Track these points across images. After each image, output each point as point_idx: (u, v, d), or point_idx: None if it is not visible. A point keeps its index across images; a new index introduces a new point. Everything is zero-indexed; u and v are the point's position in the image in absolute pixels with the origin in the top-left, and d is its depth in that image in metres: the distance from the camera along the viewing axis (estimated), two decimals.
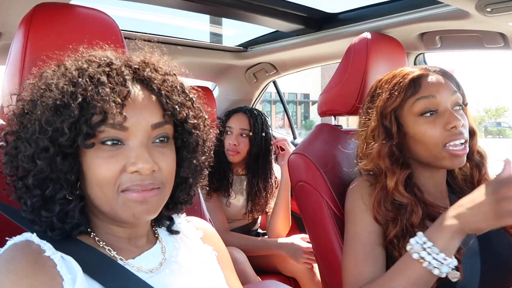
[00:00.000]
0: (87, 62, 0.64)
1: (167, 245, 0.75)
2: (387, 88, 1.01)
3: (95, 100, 0.58)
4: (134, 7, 1.72)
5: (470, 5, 1.12)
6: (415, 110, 0.97)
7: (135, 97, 0.63)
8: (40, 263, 0.57)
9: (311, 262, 1.69)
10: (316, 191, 1.17)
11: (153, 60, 0.70)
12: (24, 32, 0.84)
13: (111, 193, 0.61)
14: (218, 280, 0.77)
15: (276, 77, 2.51)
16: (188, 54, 2.09)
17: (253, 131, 1.87)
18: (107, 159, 0.61)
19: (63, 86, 0.60)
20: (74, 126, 0.58)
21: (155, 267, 0.69)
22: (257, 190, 1.90)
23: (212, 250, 0.82)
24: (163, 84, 0.66)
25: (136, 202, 0.62)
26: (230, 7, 1.61)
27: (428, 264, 0.80)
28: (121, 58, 0.67)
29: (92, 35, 0.82)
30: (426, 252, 0.81)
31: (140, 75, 0.65)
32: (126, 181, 0.61)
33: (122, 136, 0.61)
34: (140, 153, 0.61)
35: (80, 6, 0.93)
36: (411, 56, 1.70)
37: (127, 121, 0.60)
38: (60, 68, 0.64)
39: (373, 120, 1.02)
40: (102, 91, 0.59)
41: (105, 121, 0.59)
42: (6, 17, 1.34)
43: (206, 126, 0.75)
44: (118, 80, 0.62)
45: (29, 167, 0.60)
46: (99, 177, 0.61)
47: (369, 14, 1.62)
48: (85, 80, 0.60)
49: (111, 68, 0.63)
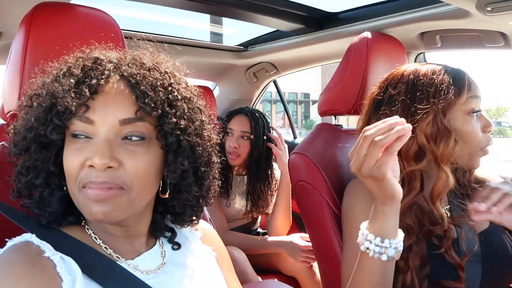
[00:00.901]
0: (77, 58, 0.66)
1: (167, 249, 0.74)
2: (440, 80, 0.92)
3: (57, 92, 0.60)
4: (135, 7, 1.72)
5: (471, 4, 1.12)
6: (467, 108, 0.92)
7: (107, 91, 0.61)
8: (40, 264, 0.57)
9: (309, 261, 1.69)
10: (316, 190, 1.17)
11: (146, 57, 0.68)
12: (25, 31, 0.84)
13: (75, 187, 0.61)
14: (217, 281, 0.76)
15: (276, 77, 2.50)
16: (188, 54, 2.09)
17: (254, 134, 1.85)
18: (73, 151, 0.61)
19: (47, 79, 0.64)
20: (49, 118, 0.60)
21: (153, 270, 0.68)
22: (259, 193, 1.89)
23: (211, 250, 0.81)
24: (144, 80, 0.63)
25: (91, 200, 0.60)
26: (231, 7, 1.61)
27: (373, 252, 0.79)
28: (114, 57, 0.66)
29: (93, 35, 0.82)
30: (368, 242, 0.80)
31: (125, 71, 0.63)
32: (84, 177, 0.60)
33: (89, 130, 0.61)
34: (99, 148, 0.59)
35: (81, 6, 0.93)
36: (412, 56, 1.70)
37: (95, 114, 0.60)
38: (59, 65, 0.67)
39: (430, 118, 0.91)
40: (67, 82, 0.60)
41: (74, 114, 0.59)
42: (7, 16, 1.34)
43: (202, 130, 0.69)
44: (94, 74, 0.61)
45: (18, 155, 0.64)
46: (66, 169, 0.62)
47: (369, 14, 1.62)
48: (61, 73, 0.62)
49: (95, 63, 0.63)
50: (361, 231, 0.82)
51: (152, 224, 0.74)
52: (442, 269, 0.90)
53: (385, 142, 0.72)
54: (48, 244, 0.60)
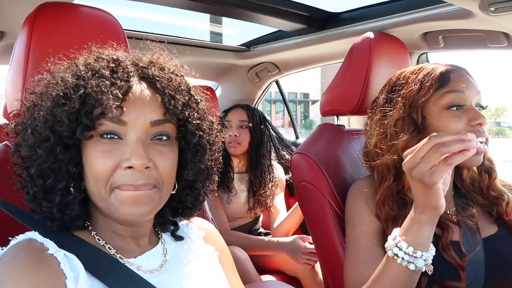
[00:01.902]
0: (96, 58, 0.65)
1: (169, 246, 0.75)
2: (415, 78, 0.97)
3: (94, 92, 0.59)
4: (137, 7, 1.72)
5: (474, 5, 1.11)
6: (442, 103, 0.94)
7: (137, 94, 0.63)
8: (43, 261, 0.57)
9: (311, 263, 1.69)
10: (318, 191, 1.17)
11: (161, 60, 0.70)
12: (28, 31, 0.84)
13: (104, 189, 0.61)
14: (220, 280, 0.77)
15: (278, 77, 2.50)
16: (190, 54, 2.09)
17: (252, 122, 1.91)
18: (104, 153, 0.61)
19: (67, 79, 0.61)
20: (74, 118, 0.59)
21: (156, 268, 0.69)
22: (260, 181, 1.91)
23: (214, 250, 0.82)
24: (168, 84, 0.66)
25: (127, 202, 0.61)
26: (233, 7, 1.61)
27: (402, 260, 0.79)
28: (129, 57, 0.68)
29: (95, 35, 0.82)
30: (397, 248, 0.79)
31: (146, 73, 0.66)
32: (119, 178, 0.61)
33: (121, 130, 0.62)
34: (135, 149, 0.61)
35: (83, 6, 0.93)
36: (414, 56, 1.69)
37: (126, 115, 0.61)
38: (70, 64, 0.66)
39: (398, 110, 0.96)
40: (102, 83, 0.60)
41: (105, 114, 0.60)
42: (10, 16, 1.35)
43: (213, 129, 0.74)
44: (121, 76, 0.62)
45: (31, 156, 0.62)
46: (94, 171, 0.61)
47: (371, 14, 1.61)
48: (89, 74, 0.61)
49: (117, 64, 0.64)
50: (392, 236, 0.82)
51: (158, 219, 0.76)
52: (441, 269, 0.90)
53: (447, 150, 0.71)
54: (51, 241, 0.61)
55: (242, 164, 1.98)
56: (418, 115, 0.94)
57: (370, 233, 0.97)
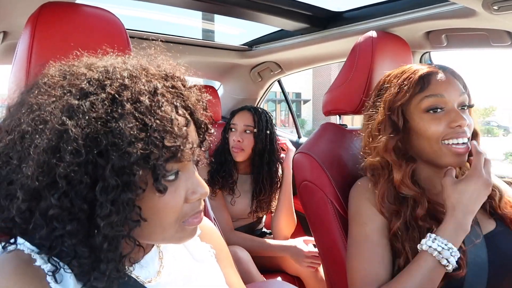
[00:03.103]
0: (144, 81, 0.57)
1: (163, 248, 0.72)
2: (396, 82, 1.02)
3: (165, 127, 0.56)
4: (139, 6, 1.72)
5: (477, 3, 1.11)
6: (422, 107, 0.98)
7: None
8: (29, 275, 0.54)
9: (314, 266, 1.69)
10: (320, 190, 1.17)
11: (178, 72, 0.65)
12: (30, 31, 0.84)
13: (174, 225, 0.60)
14: (217, 280, 0.75)
15: (281, 76, 2.50)
16: (193, 53, 2.09)
17: (257, 127, 1.87)
18: (176, 190, 0.59)
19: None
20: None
21: (154, 276, 0.66)
22: (261, 187, 1.89)
23: (210, 248, 0.79)
24: (196, 109, 0.64)
25: (193, 227, 0.62)
26: (236, 6, 1.61)
27: (438, 254, 0.86)
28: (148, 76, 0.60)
29: (98, 35, 0.82)
30: (436, 244, 0.87)
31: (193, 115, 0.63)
32: (189, 210, 0.60)
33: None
34: (198, 178, 0.61)
35: (86, 5, 0.93)
36: (417, 55, 1.69)
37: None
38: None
39: (380, 113, 1.02)
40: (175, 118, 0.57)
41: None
42: (12, 16, 1.35)
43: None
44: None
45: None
46: (167, 209, 0.58)
47: (374, 13, 1.61)
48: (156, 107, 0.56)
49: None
50: (429, 235, 0.89)
51: None
52: None
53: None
54: (39, 251, 0.56)
55: (246, 166, 1.97)
56: (398, 118, 0.99)
57: (379, 231, 0.98)
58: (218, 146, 1.97)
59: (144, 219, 0.54)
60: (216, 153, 1.95)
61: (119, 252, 0.54)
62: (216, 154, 1.95)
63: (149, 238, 0.60)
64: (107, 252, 0.53)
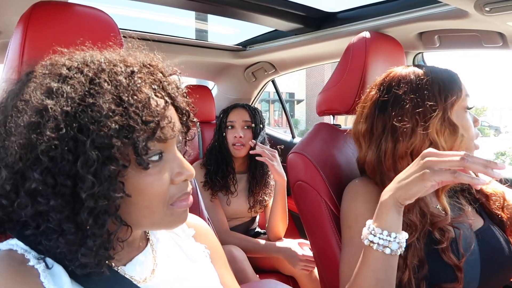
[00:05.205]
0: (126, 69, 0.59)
1: (157, 247, 0.72)
2: (442, 79, 0.96)
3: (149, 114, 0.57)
4: (132, 6, 1.72)
5: (469, 5, 1.12)
6: (464, 105, 0.98)
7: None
8: (22, 274, 0.53)
9: (308, 269, 1.69)
10: (314, 190, 1.17)
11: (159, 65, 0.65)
12: (22, 30, 0.83)
13: (162, 208, 0.60)
14: (211, 281, 0.75)
15: (275, 76, 2.51)
16: (187, 53, 2.09)
17: (255, 122, 1.90)
18: (157, 173, 0.59)
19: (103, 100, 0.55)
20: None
21: (148, 276, 0.66)
22: (258, 181, 1.92)
23: (204, 248, 0.79)
24: (177, 95, 0.64)
25: (183, 210, 0.62)
26: (230, 6, 1.61)
27: (377, 245, 0.80)
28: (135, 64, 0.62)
29: (91, 34, 0.82)
30: (372, 235, 0.80)
31: (165, 88, 0.62)
32: (175, 192, 0.61)
33: (163, 147, 0.59)
34: (183, 160, 0.62)
35: (79, 5, 0.92)
36: (410, 56, 1.70)
37: (164, 132, 0.59)
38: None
39: (439, 114, 0.93)
40: (153, 102, 0.58)
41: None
42: (4, 15, 1.34)
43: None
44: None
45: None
46: (153, 193, 0.59)
47: (367, 14, 1.62)
48: (131, 94, 0.57)
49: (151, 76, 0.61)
50: (366, 227, 0.83)
51: None
52: (440, 271, 0.90)
53: (468, 165, 0.70)
54: (33, 251, 0.57)
55: (242, 165, 1.97)
56: (452, 116, 0.96)
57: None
58: (212, 145, 1.97)
59: (127, 194, 0.55)
60: (211, 153, 1.95)
61: (106, 229, 0.54)
62: (210, 154, 1.94)
63: (138, 223, 0.60)
64: (93, 228, 0.53)
